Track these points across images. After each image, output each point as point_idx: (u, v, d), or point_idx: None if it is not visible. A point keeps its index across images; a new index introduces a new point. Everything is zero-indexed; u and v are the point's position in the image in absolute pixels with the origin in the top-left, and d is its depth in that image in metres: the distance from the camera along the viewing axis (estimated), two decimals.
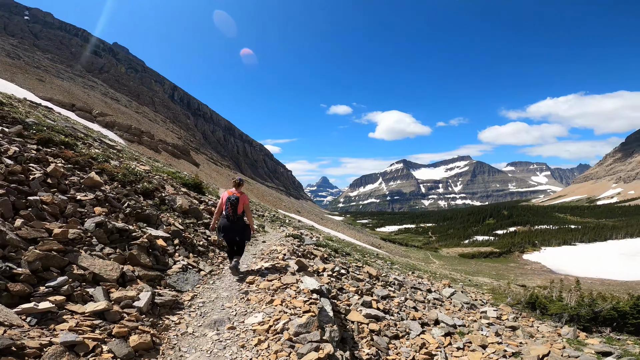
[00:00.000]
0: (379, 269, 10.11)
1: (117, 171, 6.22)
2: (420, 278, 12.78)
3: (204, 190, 11.70)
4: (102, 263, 4.23)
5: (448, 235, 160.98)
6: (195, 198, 9.63)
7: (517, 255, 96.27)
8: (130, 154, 16.21)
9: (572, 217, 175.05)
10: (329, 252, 8.82)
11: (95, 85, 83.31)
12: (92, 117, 51.55)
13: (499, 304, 10.92)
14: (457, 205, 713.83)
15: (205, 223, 7.80)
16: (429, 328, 6.27)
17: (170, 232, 5.90)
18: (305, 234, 10.68)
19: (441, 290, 9.98)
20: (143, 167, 9.22)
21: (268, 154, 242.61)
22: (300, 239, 8.89)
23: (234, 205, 5.76)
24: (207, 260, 6.23)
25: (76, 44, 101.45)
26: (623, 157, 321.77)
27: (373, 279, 8.03)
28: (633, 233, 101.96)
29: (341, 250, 10.00)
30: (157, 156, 48.61)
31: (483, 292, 16.02)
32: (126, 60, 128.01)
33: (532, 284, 53.43)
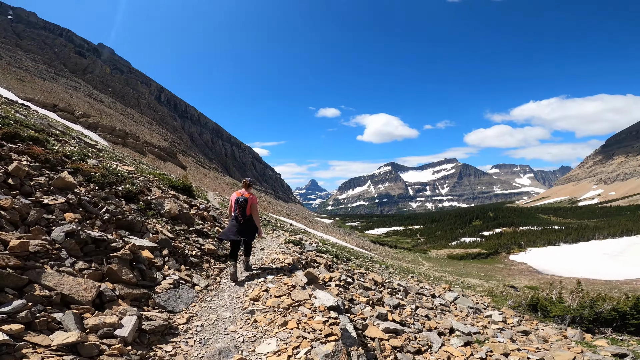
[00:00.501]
0: (381, 275, 9.54)
1: (95, 171, 5.33)
2: (420, 282, 12.26)
3: (194, 194, 10.90)
4: (73, 281, 3.44)
5: (436, 237, 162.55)
6: (185, 202, 8.84)
7: (504, 256, 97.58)
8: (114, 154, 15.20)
9: (555, 218, 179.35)
10: (332, 258, 8.15)
11: (78, 86, 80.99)
12: (75, 118, 49.68)
13: (500, 307, 10.59)
14: (444, 207, 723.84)
15: (197, 230, 6.99)
16: (446, 338, 5.88)
17: (157, 241, 5.14)
18: (305, 239, 9.99)
19: (444, 294, 9.61)
20: (126, 167, 8.33)
21: (257, 157, 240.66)
22: (300, 245, 8.21)
23: (242, 207, 5.76)
24: (202, 272, 5.51)
25: (60, 44, 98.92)
26: (603, 159, 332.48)
27: (379, 286, 7.45)
28: (615, 233, 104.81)
29: (342, 256, 9.35)
30: (142, 158, 46.99)
31: (481, 294, 15.65)
32: (111, 61, 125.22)
33: (520, 285, 54.00)
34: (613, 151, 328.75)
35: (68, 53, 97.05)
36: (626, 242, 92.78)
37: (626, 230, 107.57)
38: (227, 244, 7.13)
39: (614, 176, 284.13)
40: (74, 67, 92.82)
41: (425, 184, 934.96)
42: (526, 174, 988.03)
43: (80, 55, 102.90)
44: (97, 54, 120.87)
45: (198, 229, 7.00)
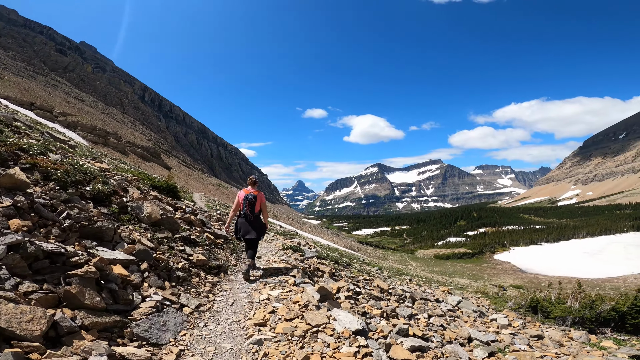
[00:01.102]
0: (382, 279, 8.89)
1: (57, 167, 4.38)
2: (419, 286, 11.69)
3: (179, 195, 9.97)
4: (14, 310, 2.58)
5: (422, 237, 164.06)
6: (170, 204, 7.87)
7: (489, 256, 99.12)
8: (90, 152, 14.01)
9: (536, 217, 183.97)
10: (333, 265, 7.42)
11: (58, 84, 78.11)
12: (53, 116, 47.48)
13: (501, 309, 10.23)
14: (429, 207, 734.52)
15: (184, 237, 6.07)
16: (468, 349, 5.38)
17: (134, 253, 4.26)
18: (303, 244, 9.20)
19: (447, 298, 9.14)
20: (100, 165, 7.26)
21: (243, 158, 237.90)
22: (300, 252, 7.45)
23: (252, 204, 5.82)
24: (191, 289, 4.64)
25: (40, 42, 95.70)
26: (581, 160, 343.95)
27: (385, 293, 6.80)
28: (594, 232, 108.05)
29: (342, 262, 8.64)
30: (124, 159, 45.08)
31: (478, 296, 15.24)
32: (93, 60, 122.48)
33: (506, 284, 54.80)
34: (590, 152, 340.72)
35: (48, 51, 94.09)
36: (605, 241, 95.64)
37: (604, 229, 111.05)
38: (218, 252, 6.52)
39: (592, 177, 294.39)
40: (54, 65, 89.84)
41: (411, 185, 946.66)
42: (508, 174, 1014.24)
43: (61, 54, 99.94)
44: (79, 52, 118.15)
45: (185, 236, 6.10)
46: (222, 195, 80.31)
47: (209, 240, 6.86)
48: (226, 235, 7.67)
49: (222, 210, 22.74)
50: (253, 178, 6.21)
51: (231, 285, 5.29)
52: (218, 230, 8.06)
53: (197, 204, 24.27)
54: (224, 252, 6.87)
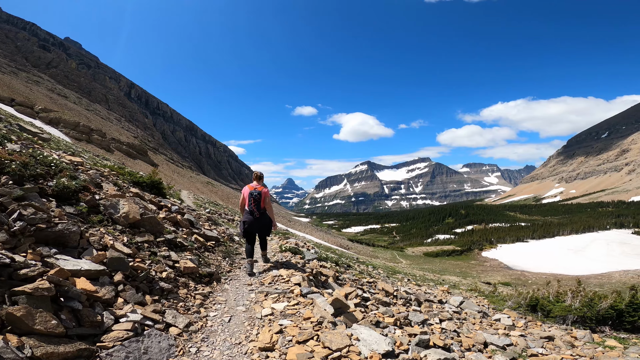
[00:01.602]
0: (384, 281, 8.39)
1: (13, 158, 3.64)
2: (419, 286, 11.28)
3: (164, 192, 9.07)
4: None
5: (411, 234, 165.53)
6: (153, 202, 7.06)
7: (477, 253, 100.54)
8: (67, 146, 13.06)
9: (521, 215, 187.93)
10: (335, 267, 6.87)
11: (40, 80, 75.89)
12: (34, 112, 45.67)
13: (501, 309, 9.96)
14: (418, 205, 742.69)
15: (169, 240, 5.30)
16: (487, 355, 5.00)
17: (105, 262, 3.53)
18: (301, 245, 8.59)
19: (449, 299, 8.78)
20: (72, 158, 6.37)
21: (232, 155, 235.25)
22: (300, 254, 7.04)
23: (257, 200, 5.74)
24: (178, 303, 3.86)
25: (23, 38, 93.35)
26: (565, 159, 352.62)
27: (391, 296, 6.33)
28: (578, 230, 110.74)
29: (341, 263, 8.09)
30: (109, 156, 43.51)
31: (475, 294, 14.97)
32: (78, 56, 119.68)
33: (495, 281, 55.38)
34: (574, 151, 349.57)
35: (31, 47, 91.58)
36: (588, 238, 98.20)
37: (588, 226, 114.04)
38: (209, 257, 5.89)
39: (575, 175, 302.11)
40: (37, 62, 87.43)
41: (400, 183, 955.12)
42: (494, 172, 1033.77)
43: (45, 50, 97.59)
44: (63, 49, 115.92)
45: (170, 239, 5.31)
46: (211, 193, 78.88)
47: (198, 243, 6.21)
48: (217, 237, 7.08)
49: (211, 209, 21.95)
50: (259, 173, 6.14)
51: (226, 296, 4.61)
52: (208, 232, 7.38)
53: (185, 202, 23.38)
54: (216, 257, 6.23)
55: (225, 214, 22.52)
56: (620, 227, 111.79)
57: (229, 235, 8.46)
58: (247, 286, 4.98)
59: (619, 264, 67.04)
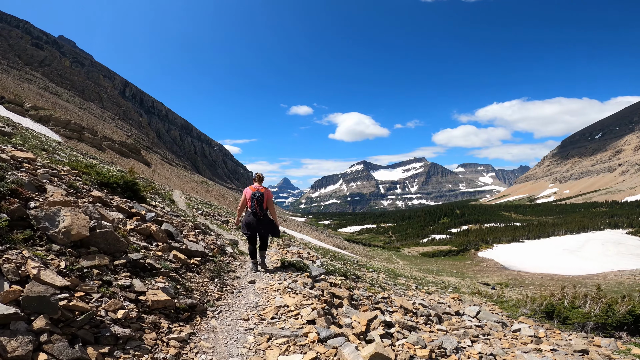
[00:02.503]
0: (399, 294, 7.87)
1: None
2: (428, 294, 10.82)
3: (141, 194, 7.65)
4: None
5: (407, 234, 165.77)
6: (121, 209, 5.69)
7: (473, 253, 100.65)
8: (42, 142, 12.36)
9: (516, 215, 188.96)
10: (345, 282, 6.32)
11: (33, 78, 75.13)
12: (24, 110, 44.69)
13: (515, 316, 9.58)
14: (413, 205, 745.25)
15: (134, 262, 4.06)
16: None
17: (20, 301, 2.56)
18: (305, 255, 7.82)
19: (463, 309, 8.35)
20: (19, 153, 5.36)
21: (228, 155, 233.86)
22: (305, 270, 6.22)
23: (259, 202, 5.83)
24: (143, 356, 2.79)
25: (16, 36, 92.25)
26: (559, 159, 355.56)
27: (410, 314, 5.82)
28: (572, 230, 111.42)
29: (350, 274, 7.54)
30: (100, 154, 42.62)
31: (485, 300, 14.58)
32: (71, 54, 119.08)
33: (492, 281, 55.21)
34: (568, 152, 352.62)
35: (24, 45, 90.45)
36: (583, 238, 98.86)
37: (582, 226, 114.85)
38: (192, 280, 4.86)
39: (569, 175, 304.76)
40: (30, 60, 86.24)
41: (396, 183, 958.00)
42: (489, 172, 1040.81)
43: (38, 48, 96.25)
44: (57, 47, 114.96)
45: (135, 261, 4.05)
46: (206, 192, 78.00)
47: (177, 261, 5.00)
48: (204, 251, 5.92)
49: (204, 210, 21.26)
50: (260, 174, 6.25)
51: (214, 340, 3.50)
52: (193, 244, 5.95)
53: (176, 203, 22.66)
54: (202, 279, 5.01)
55: (219, 215, 21.90)
56: (615, 227, 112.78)
57: (219, 247, 7.23)
58: (242, 322, 3.97)
59: (614, 264, 67.44)
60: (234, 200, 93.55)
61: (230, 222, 18.33)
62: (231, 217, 22.85)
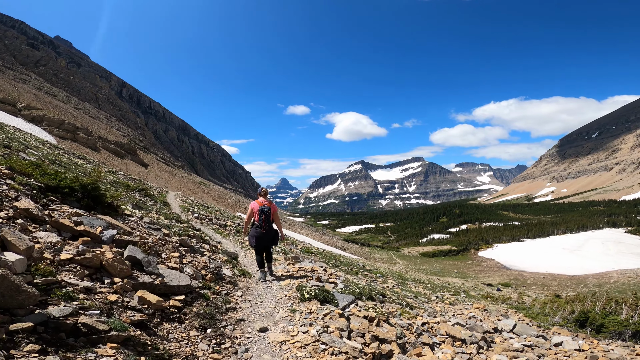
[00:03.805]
0: (443, 318, 6.96)
1: None
2: (451, 304, 9.98)
3: (110, 203, 5.63)
4: None
5: (406, 234, 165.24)
6: (61, 226, 3.87)
7: (473, 253, 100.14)
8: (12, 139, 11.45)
9: (514, 214, 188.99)
10: (378, 307, 5.36)
11: (28, 78, 74.80)
12: (16, 110, 43.75)
13: (548, 327, 8.91)
14: (411, 204, 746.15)
15: (54, 321, 2.42)
16: None
17: None
18: (325, 277, 6.63)
19: (496, 322, 7.62)
20: None
21: (226, 155, 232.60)
22: (331, 301, 5.00)
23: (267, 216, 6.09)
24: None
25: (11, 36, 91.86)
26: (556, 158, 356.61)
27: (459, 342, 4.94)
28: (572, 229, 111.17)
29: (375, 293, 6.56)
30: (95, 155, 41.62)
31: (505, 307, 13.79)
32: (68, 54, 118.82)
33: (494, 282, 54.54)
34: (565, 151, 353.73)
35: (19, 45, 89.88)
36: (583, 237, 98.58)
37: (581, 225, 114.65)
38: (168, 337, 3.08)
39: (566, 174, 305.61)
40: (25, 60, 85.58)
41: (394, 182, 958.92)
42: (486, 172, 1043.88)
43: (34, 48, 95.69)
44: (53, 47, 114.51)
45: (55, 321, 2.45)
46: (203, 193, 77.03)
47: (146, 307, 3.39)
48: (191, 284, 4.31)
49: (200, 213, 20.31)
50: (266, 189, 6.54)
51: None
52: (175, 274, 4.31)
53: (170, 206, 21.68)
54: (186, 331, 3.47)
55: (216, 218, 20.94)
56: (613, 226, 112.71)
57: (214, 271, 5.57)
58: None
59: (615, 263, 67.09)
60: (232, 201, 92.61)
61: (229, 225, 17.24)
62: (229, 220, 21.93)
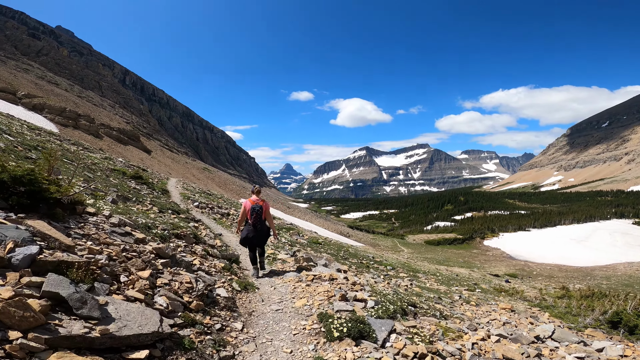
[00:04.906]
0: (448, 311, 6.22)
1: None
2: (476, 305, 9.25)
3: (58, 199, 4.07)
4: None
5: (410, 221, 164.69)
6: None
7: (479, 242, 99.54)
8: None
9: (520, 202, 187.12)
10: (421, 332, 4.43)
11: (30, 68, 74.95)
12: (17, 98, 43.17)
13: (580, 329, 8.41)
14: (416, 191, 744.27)
15: None
16: None
17: None
18: (350, 293, 5.31)
19: (529, 326, 7.06)
20: None
21: (230, 141, 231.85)
22: (368, 336, 3.87)
23: (259, 214, 6.28)
24: None
25: (11, 27, 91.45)
26: (564, 147, 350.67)
27: None
28: (579, 219, 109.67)
29: (407, 305, 5.61)
30: (96, 142, 41.02)
31: (526, 304, 13.13)
32: (70, 44, 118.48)
33: (500, 272, 53.95)
34: (574, 140, 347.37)
35: (20, 35, 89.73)
36: (590, 228, 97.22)
37: (589, 215, 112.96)
38: None
39: (574, 163, 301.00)
40: (27, 50, 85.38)
41: (399, 169, 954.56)
42: (492, 159, 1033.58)
43: (35, 38, 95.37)
44: (55, 37, 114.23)
45: None
46: (208, 179, 76.68)
47: None
48: (160, 329, 2.73)
49: (201, 201, 19.59)
50: (258, 187, 6.68)
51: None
52: (138, 308, 2.85)
53: (170, 194, 20.96)
54: None
55: (218, 206, 20.22)
56: (621, 217, 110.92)
57: (203, 295, 4.09)
58: None
59: (622, 255, 66.14)
60: (236, 187, 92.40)
61: (232, 213, 17.42)
62: (233, 208, 21.24)
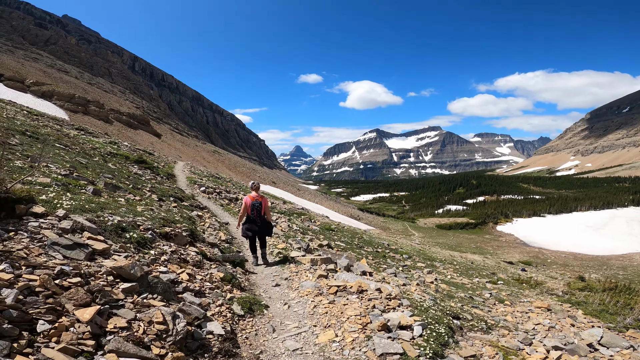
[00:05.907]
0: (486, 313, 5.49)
1: None
2: (511, 305, 8.54)
3: None
4: None
5: (421, 204, 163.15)
6: None
7: (491, 227, 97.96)
8: None
9: (534, 187, 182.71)
10: None
11: (39, 57, 75.33)
12: (25, 86, 43.46)
13: (620, 329, 7.91)
14: (427, 173, 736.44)
15: None
16: None
17: None
18: (382, 304, 4.52)
19: (579, 332, 6.33)
20: None
21: (240, 124, 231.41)
22: None
23: (258, 210, 6.66)
24: None
25: (17, 17, 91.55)
26: (583, 131, 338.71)
27: None
28: (596, 205, 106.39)
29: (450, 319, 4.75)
30: (106, 127, 40.88)
31: (556, 300, 12.43)
32: (77, 32, 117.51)
33: (514, 259, 52.88)
34: (593, 124, 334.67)
35: (27, 25, 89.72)
36: (607, 215, 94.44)
37: (607, 202, 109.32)
38: None
39: (592, 148, 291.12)
40: (35, 39, 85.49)
41: (409, 151, 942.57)
42: (506, 143, 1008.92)
43: (42, 27, 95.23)
44: (62, 26, 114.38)
45: None
46: (218, 162, 76.72)
47: None
48: None
49: (208, 185, 19.15)
50: (256, 184, 6.98)
51: None
52: None
53: (176, 178, 20.48)
54: None
55: (226, 191, 19.76)
56: (639, 205, 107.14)
57: (183, 340, 2.89)
58: None
59: (639, 245, 64.10)
60: (246, 169, 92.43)
61: (240, 197, 17.46)
62: (241, 193, 20.75)
